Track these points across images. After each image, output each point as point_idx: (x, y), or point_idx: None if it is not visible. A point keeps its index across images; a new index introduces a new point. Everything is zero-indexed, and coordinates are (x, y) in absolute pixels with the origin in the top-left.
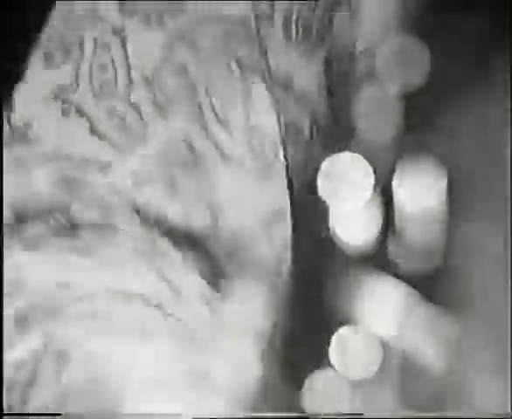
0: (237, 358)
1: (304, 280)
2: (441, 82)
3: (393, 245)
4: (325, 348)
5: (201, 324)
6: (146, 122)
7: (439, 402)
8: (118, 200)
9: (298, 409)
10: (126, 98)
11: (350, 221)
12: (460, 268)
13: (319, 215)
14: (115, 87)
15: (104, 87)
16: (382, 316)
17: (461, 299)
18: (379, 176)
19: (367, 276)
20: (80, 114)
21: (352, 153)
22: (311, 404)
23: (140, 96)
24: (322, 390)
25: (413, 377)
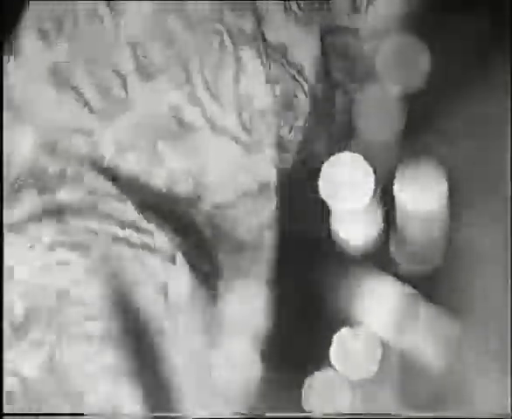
0: (237, 358)
1: (288, 259)
2: (441, 82)
3: (394, 246)
4: (325, 348)
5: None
6: (132, 91)
7: (439, 402)
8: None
9: (298, 409)
10: (113, 66)
11: (351, 221)
12: (460, 268)
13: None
14: (103, 57)
15: (93, 58)
16: (382, 316)
17: (461, 299)
18: (380, 177)
19: (367, 276)
20: (70, 86)
21: (352, 153)
22: (311, 404)
23: (128, 65)
24: (323, 390)
25: (413, 377)
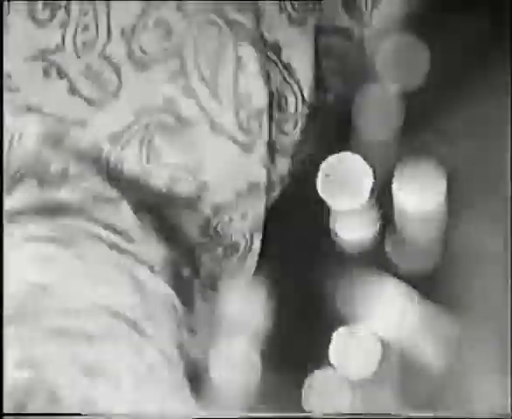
0: (237, 358)
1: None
2: (441, 82)
3: (393, 245)
4: (325, 348)
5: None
6: (125, 81)
7: (439, 402)
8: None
9: (298, 409)
10: (105, 56)
11: (350, 220)
12: (460, 268)
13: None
14: (96, 46)
15: (85, 46)
16: (381, 315)
17: (461, 299)
18: (378, 176)
19: (366, 276)
20: (61, 74)
21: (351, 153)
22: (311, 403)
23: (121, 55)
24: (322, 390)
25: (413, 376)
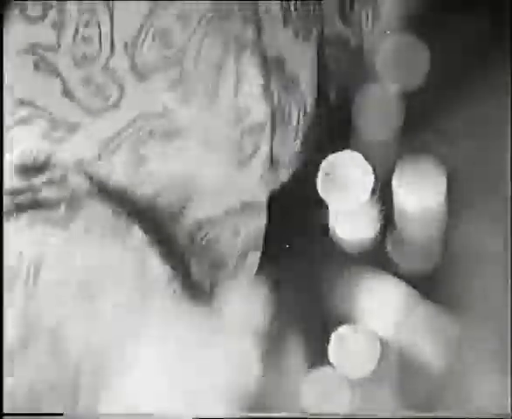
0: (237, 358)
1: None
2: (441, 82)
3: (392, 244)
4: (324, 347)
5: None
6: (123, 90)
7: (438, 401)
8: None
9: (298, 409)
10: (103, 62)
11: (350, 220)
12: (460, 268)
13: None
14: (95, 51)
15: (84, 51)
16: (381, 315)
17: (461, 299)
18: (379, 175)
19: (366, 275)
20: (56, 74)
21: (352, 151)
22: (310, 403)
23: (119, 63)
24: (321, 389)
25: (412, 376)
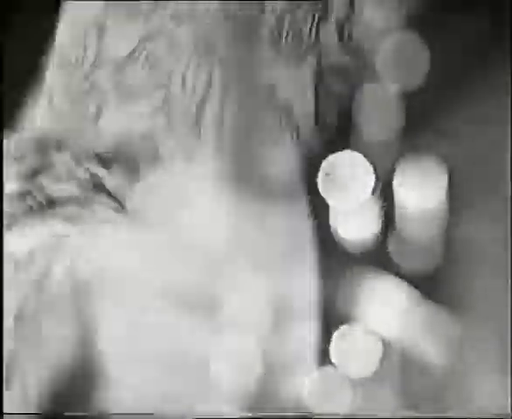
0: (237, 358)
1: None
2: (441, 82)
3: (393, 244)
4: (326, 347)
5: None
6: (107, 108)
7: (440, 401)
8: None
9: (298, 409)
10: (89, 78)
11: (351, 219)
12: (461, 268)
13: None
14: (81, 66)
15: (68, 64)
16: (382, 315)
17: (462, 299)
18: (379, 175)
19: (368, 275)
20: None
21: (352, 151)
22: (311, 403)
23: (104, 81)
24: (323, 389)
25: (413, 376)
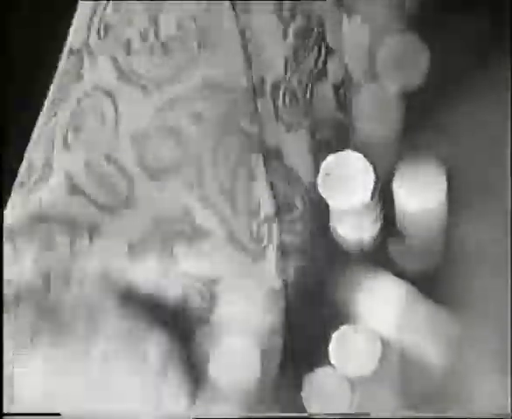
0: (237, 358)
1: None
2: (441, 82)
3: (393, 244)
4: (325, 346)
5: None
6: (134, 187)
7: (439, 401)
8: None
9: (298, 409)
10: (110, 154)
11: (351, 220)
12: (461, 267)
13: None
14: (100, 141)
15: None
16: (382, 314)
17: (462, 298)
18: (379, 175)
19: (367, 274)
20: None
21: (352, 151)
22: (310, 403)
23: (128, 157)
24: (322, 388)
25: (413, 375)
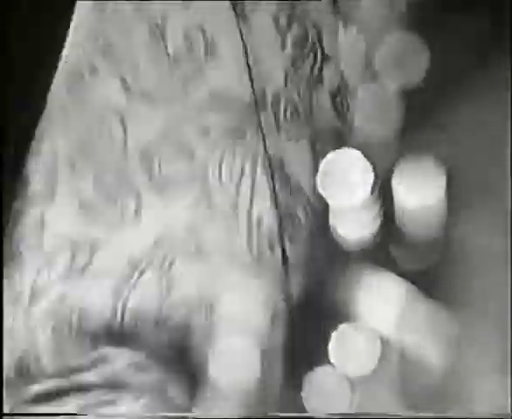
0: (237, 358)
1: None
2: (441, 81)
3: (393, 242)
4: (325, 345)
5: None
6: (142, 203)
7: (438, 400)
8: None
9: (298, 408)
10: (120, 171)
11: (350, 217)
12: (460, 266)
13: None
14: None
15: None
16: (382, 313)
17: (461, 297)
18: (379, 173)
19: (367, 272)
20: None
21: (351, 149)
22: (310, 402)
23: (137, 172)
24: (322, 388)
25: (412, 374)
